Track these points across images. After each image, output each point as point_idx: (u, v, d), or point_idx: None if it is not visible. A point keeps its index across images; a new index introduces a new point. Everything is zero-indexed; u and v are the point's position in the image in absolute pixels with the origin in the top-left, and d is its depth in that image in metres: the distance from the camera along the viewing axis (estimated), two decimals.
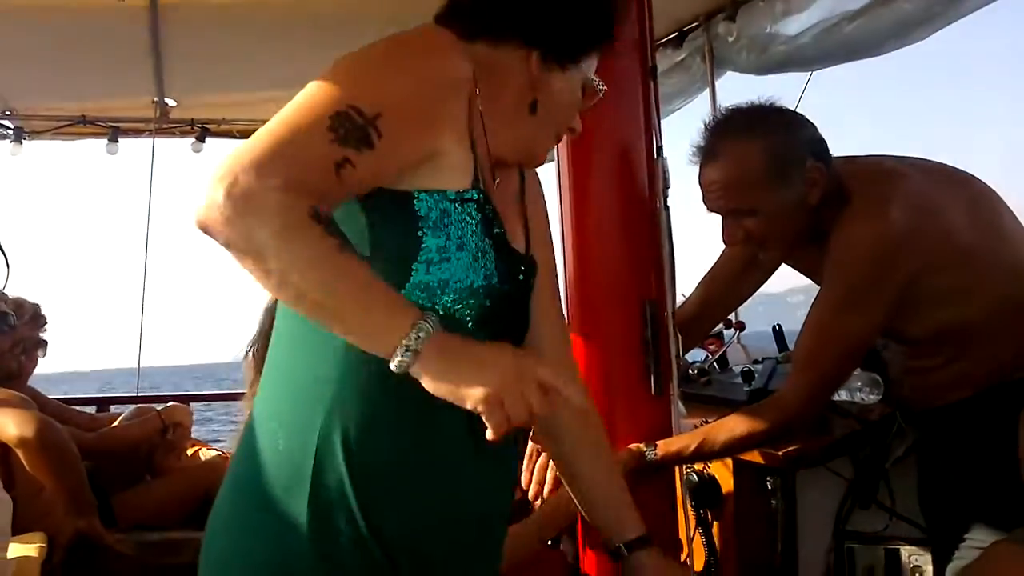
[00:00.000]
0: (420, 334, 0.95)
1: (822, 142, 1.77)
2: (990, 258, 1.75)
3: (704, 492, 2.06)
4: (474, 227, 1.07)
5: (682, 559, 1.90)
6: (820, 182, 1.73)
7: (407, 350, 0.94)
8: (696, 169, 1.81)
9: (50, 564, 2.16)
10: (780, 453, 1.89)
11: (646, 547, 1.32)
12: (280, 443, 1.06)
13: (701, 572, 2.07)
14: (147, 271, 4.74)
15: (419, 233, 1.04)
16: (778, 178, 1.72)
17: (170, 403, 3.25)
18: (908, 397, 1.95)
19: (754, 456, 1.93)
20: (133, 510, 2.75)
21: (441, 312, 1.04)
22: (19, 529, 2.19)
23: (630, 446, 1.75)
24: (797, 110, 1.95)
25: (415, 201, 1.04)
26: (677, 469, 1.86)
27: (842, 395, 2.03)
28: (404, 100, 1.02)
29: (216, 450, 3.42)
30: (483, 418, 0.96)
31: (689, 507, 1.95)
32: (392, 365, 0.95)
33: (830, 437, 1.98)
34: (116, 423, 3.11)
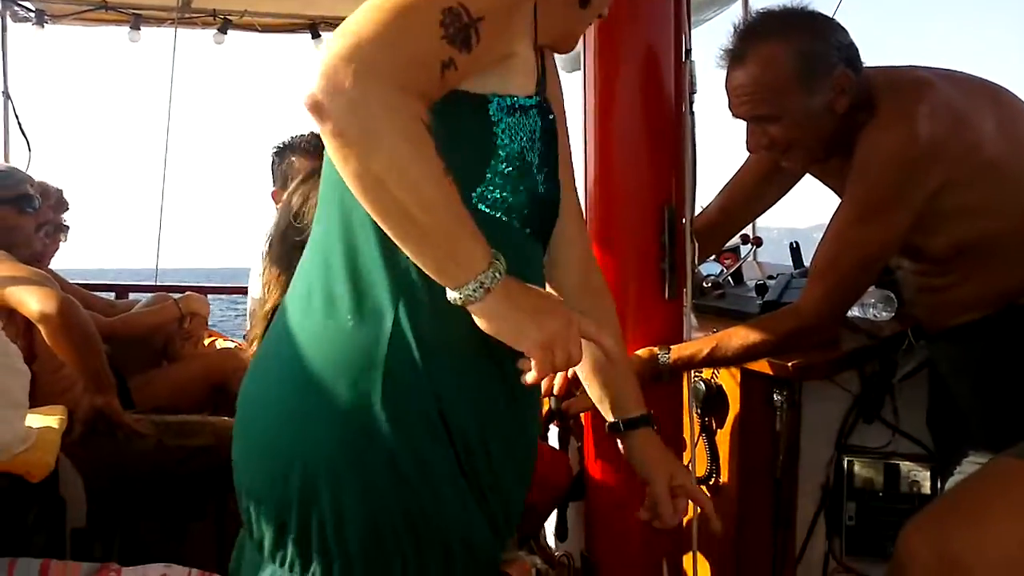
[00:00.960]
0: (496, 274, 0.98)
1: (853, 48, 1.73)
2: (1017, 172, 1.72)
3: (710, 400, 2.09)
4: (538, 133, 1.10)
5: (685, 463, 1.94)
6: (848, 90, 1.70)
7: (480, 286, 0.97)
8: (723, 76, 1.79)
9: (69, 438, 2.22)
10: (789, 364, 1.91)
11: (644, 427, 1.36)
12: (350, 327, 1.06)
13: (702, 478, 2.11)
14: (167, 163, 4.75)
15: (494, 138, 1.05)
16: (806, 83, 1.69)
17: (187, 292, 3.29)
18: (921, 317, 1.94)
19: (762, 366, 1.95)
20: (150, 393, 2.81)
21: (501, 216, 1.07)
22: (40, 404, 2.25)
23: (642, 349, 1.77)
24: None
25: (490, 105, 1.05)
26: (685, 376, 1.88)
27: (855, 312, 2.03)
28: (501, 4, 1.01)
29: (232, 341, 3.47)
30: (532, 361, 1.02)
31: (695, 414, 1.98)
32: (457, 296, 0.98)
33: (838, 351, 1.99)
34: (134, 310, 3.16)
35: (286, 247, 1.74)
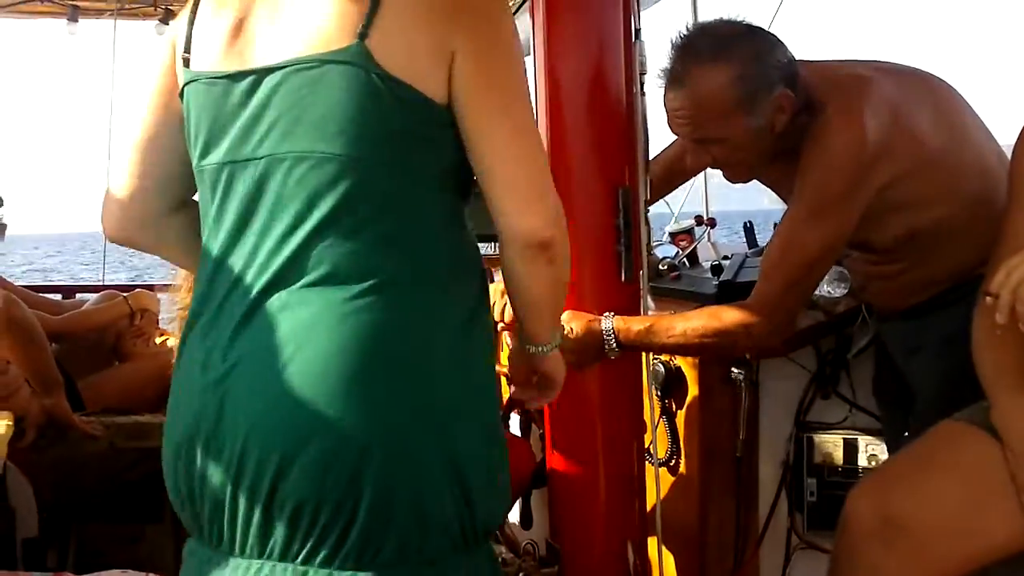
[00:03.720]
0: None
1: (792, 64, 1.72)
2: (956, 160, 1.75)
3: (670, 382, 2.09)
4: None
5: (646, 446, 1.94)
6: (788, 109, 1.69)
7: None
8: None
9: (19, 444, 2.16)
10: None
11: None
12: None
13: (664, 460, 2.11)
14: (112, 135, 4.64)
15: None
16: (746, 108, 1.67)
17: (137, 289, 3.21)
18: (873, 303, 1.96)
19: None
20: (100, 394, 2.74)
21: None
22: None
23: (576, 323, 1.74)
24: (772, 23, 1.90)
25: None
26: (644, 360, 1.87)
27: None
28: None
29: None
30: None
31: (655, 397, 1.98)
32: (546, 347, 1.35)
33: (794, 328, 2.00)
34: (82, 308, 3.08)
35: None
